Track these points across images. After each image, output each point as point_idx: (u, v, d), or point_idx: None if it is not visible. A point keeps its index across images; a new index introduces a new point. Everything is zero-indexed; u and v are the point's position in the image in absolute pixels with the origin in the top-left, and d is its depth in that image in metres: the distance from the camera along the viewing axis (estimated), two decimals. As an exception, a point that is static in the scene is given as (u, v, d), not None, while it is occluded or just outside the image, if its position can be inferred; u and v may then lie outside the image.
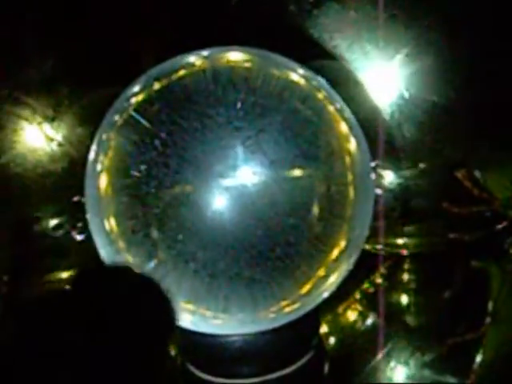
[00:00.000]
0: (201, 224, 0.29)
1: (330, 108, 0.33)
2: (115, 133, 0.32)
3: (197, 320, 0.32)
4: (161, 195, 0.30)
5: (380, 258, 0.45)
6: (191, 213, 0.30)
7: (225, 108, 0.30)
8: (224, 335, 0.33)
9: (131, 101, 0.32)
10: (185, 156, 0.29)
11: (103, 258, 0.33)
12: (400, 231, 0.45)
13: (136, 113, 0.31)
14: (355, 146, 0.33)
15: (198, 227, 0.30)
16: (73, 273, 0.44)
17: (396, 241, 0.46)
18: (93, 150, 0.33)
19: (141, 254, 0.31)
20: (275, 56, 0.33)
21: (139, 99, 0.32)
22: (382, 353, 0.38)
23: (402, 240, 0.46)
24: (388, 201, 0.43)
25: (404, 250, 0.47)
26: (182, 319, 0.33)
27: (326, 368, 0.36)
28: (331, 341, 0.41)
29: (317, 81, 0.34)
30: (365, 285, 0.46)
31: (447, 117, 0.41)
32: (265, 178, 0.29)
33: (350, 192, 0.32)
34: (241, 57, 0.33)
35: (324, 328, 0.41)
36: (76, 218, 0.43)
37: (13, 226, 0.44)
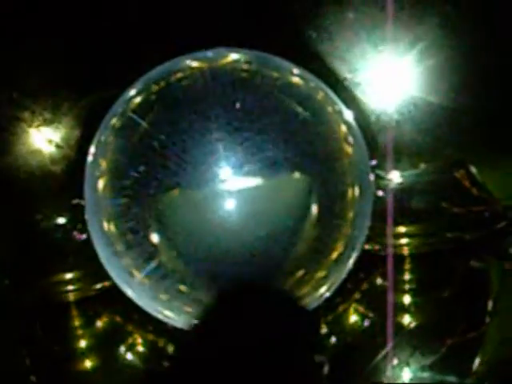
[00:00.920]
0: (200, 225, 0.30)
1: (329, 109, 0.33)
2: (114, 135, 0.32)
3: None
4: (160, 196, 0.30)
5: (380, 258, 0.45)
6: (190, 214, 0.30)
7: (224, 109, 0.30)
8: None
9: (130, 103, 0.32)
10: (184, 157, 0.29)
11: (102, 259, 0.33)
12: (400, 231, 0.45)
13: (135, 114, 0.31)
14: (354, 147, 0.33)
15: (198, 228, 0.30)
16: (77, 275, 0.44)
17: (396, 241, 0.46)
18: (92, 152, 0.33)
19: (140, 256, 0.31)
20: (274, 57, 0.33)
21: (138, 101, 0.32)
22: (382, 353, 0.38)
23: (402, 240, 0.46)
24: (388, 201, 0.43)
25: (404, 250, 0.47)
26: (183, 319, 0.33)
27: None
28: (331, 341, 0.41)
29: (315, 82, 0.34)
30: (365, 285, 0.46)
31: (447, 117, 0.41)
32: (264, 179, 0.29)
33: (350, 193, 0.32)
34: (240, 58, 0.33)
35: (324, 328, 0.41)
36: (76, 220, 0.43)
37: (13, 227, 0.44)
